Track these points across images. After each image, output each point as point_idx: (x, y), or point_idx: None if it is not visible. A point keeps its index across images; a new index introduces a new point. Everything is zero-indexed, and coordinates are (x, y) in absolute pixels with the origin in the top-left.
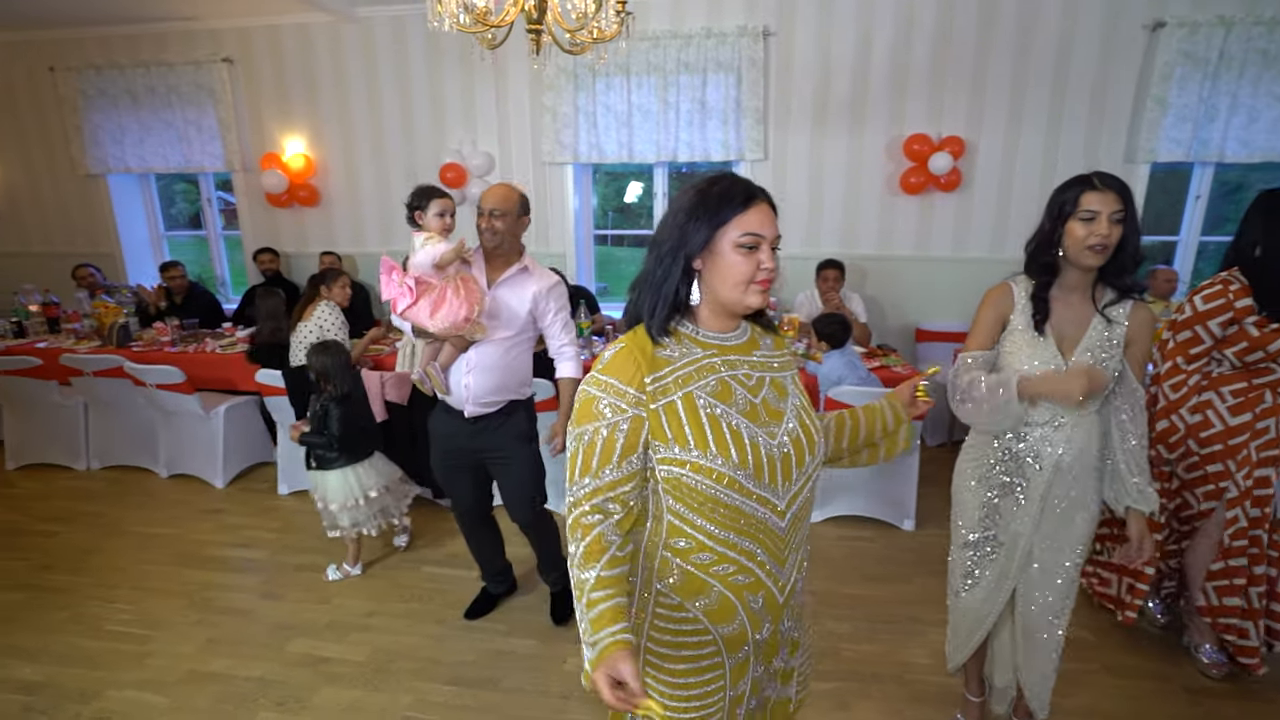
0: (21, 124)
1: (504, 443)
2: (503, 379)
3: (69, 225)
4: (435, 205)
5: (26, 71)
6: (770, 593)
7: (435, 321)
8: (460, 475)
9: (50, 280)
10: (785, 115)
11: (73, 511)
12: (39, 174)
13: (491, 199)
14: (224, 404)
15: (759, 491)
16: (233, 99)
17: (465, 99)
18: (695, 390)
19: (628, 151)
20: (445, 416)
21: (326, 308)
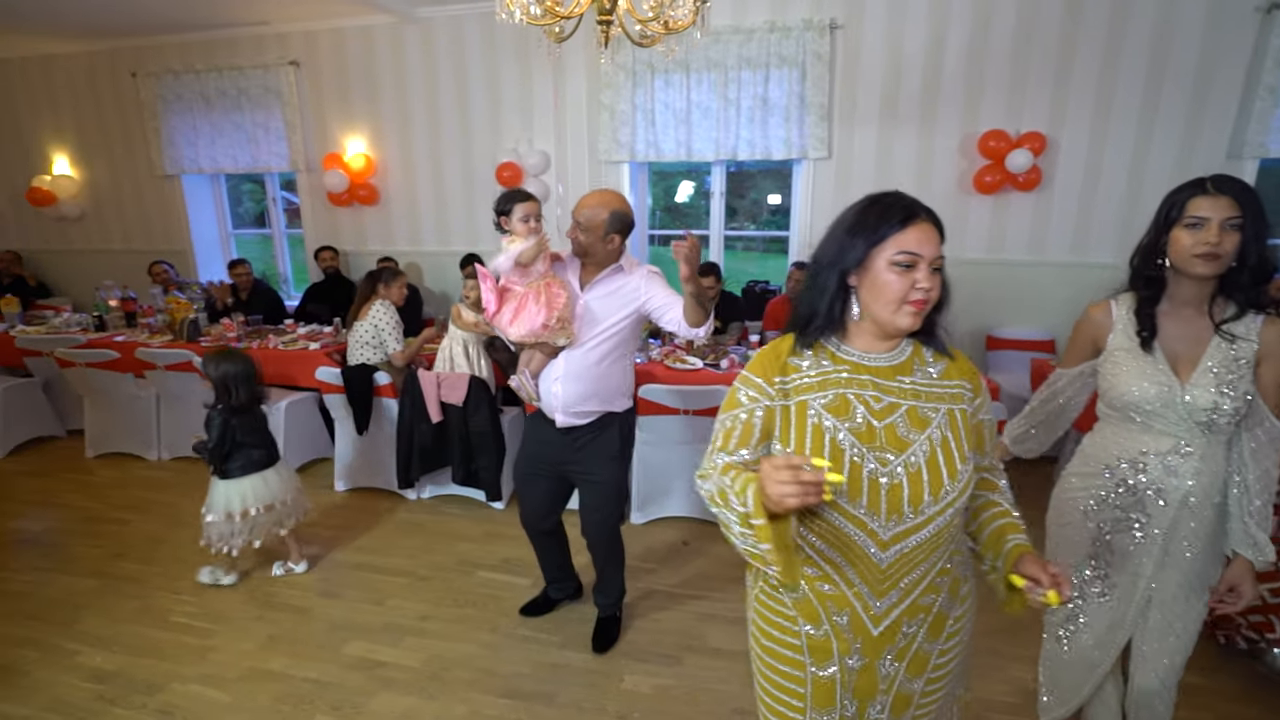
0: (107, 128)
1: (592, 460)
2: (593, 388)
3: (146, 224)
4: (519, 209)
5: (112, 78)
6: (858, 617)
7: (514, 330)
8: (540, 482)
9: (128, 276)
10: (851, 111)
11: (144, 501)
12: (121, 175)
13: (580, 209)
14: (285, 400)
15: (854, 511)
16: (298, 101)
17: (522, 97)
18: (810, 400)
19: (686, 150)
20: (540, 421)
21: (382, 307)
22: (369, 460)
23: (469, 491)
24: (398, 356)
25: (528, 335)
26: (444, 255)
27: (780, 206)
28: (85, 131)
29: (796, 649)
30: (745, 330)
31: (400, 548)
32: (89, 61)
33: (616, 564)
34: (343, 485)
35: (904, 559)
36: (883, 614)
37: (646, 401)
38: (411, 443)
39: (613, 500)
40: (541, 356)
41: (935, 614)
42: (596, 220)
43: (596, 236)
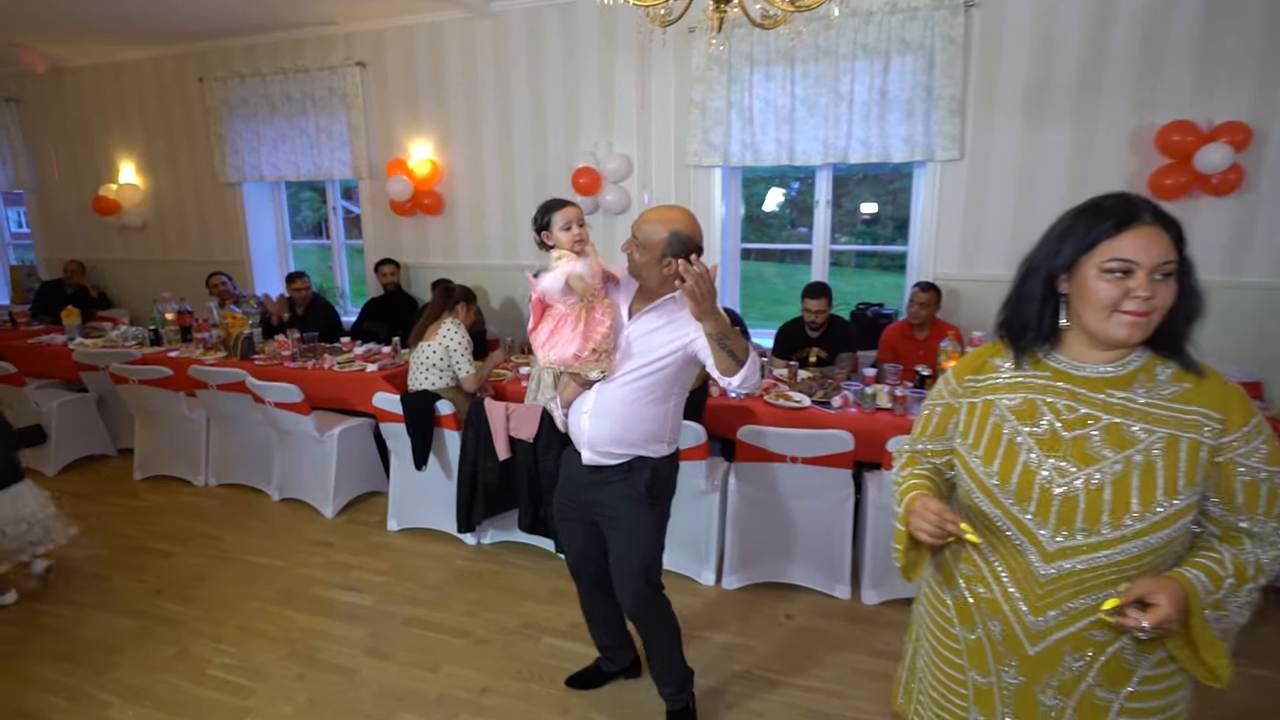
0: (172, 136)
1: (615, 501)
2: (622, 429)
3: (206, 233)
4: (559, 218)
5: (179, 83)
6: (1010, 628)
7: (545, 353)
8: (573, 527)
9: (187, 287)
10: (988, 104)
11: (189, 532)
12: (184, 184)
13: (640, 224)
14: (338, 426)
15: (1020, 516)
16: (364, 103)
17: (603, 96)
18: (996, 400)
19: (788, 152)
20: (572, 455)
21: (453, 325)
22: (426, 498)
23: (536, 540)
24: (469, 380)
25: (557, 362)
26: (510, 270)
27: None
28: (151, 139)
29: (956, 651)
30: (856, 362)
31: (458, 601)
32: (156, 67)
33: (667, 637)
34: (395, 524)
35: (1070, 579)
36: (1040, 632)
37: (745, 445)
38: (475, 481)
39: (641, 549)
40: (574, 386)
41: (1111, 658)
42: (654, 239)
43: (651, 257)
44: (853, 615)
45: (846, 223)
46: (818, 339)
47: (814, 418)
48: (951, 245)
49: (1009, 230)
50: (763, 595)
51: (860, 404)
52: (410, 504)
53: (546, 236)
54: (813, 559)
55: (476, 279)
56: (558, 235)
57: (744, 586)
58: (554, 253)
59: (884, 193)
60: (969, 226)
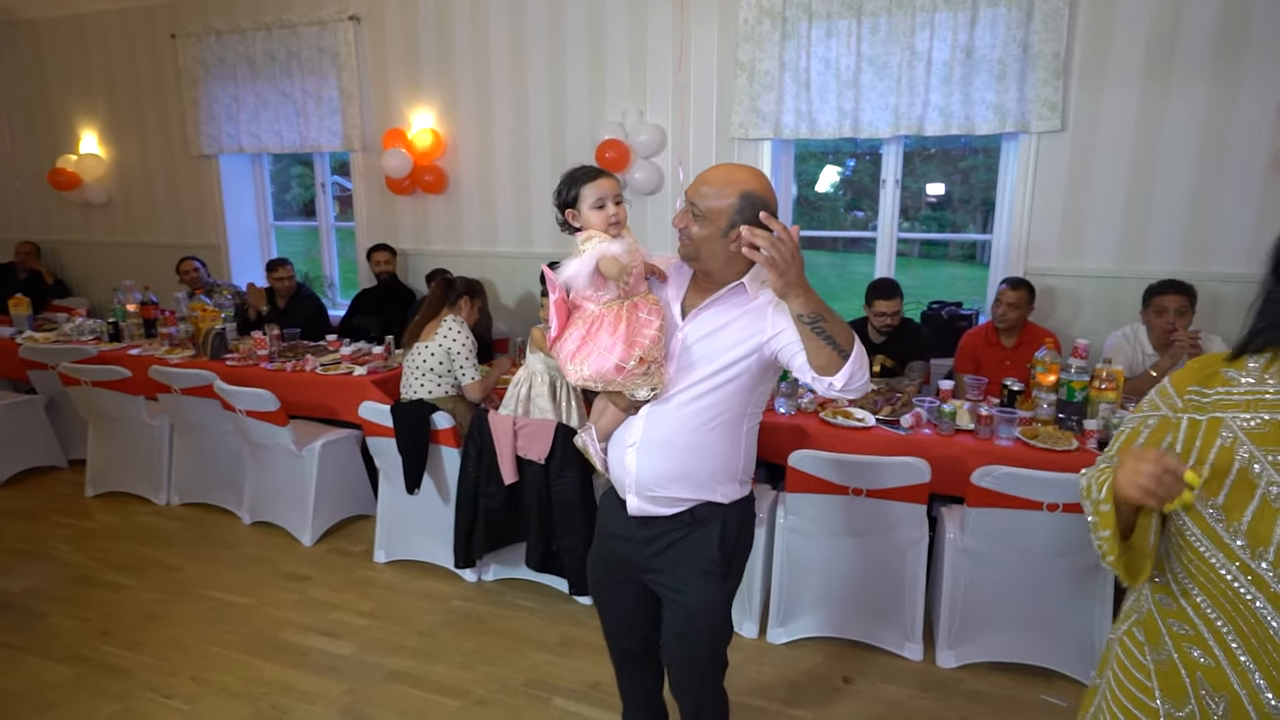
0: (140, 100)
1: (678, 570)
2: (684, 464)
3: (177, 213)
4: (591, 192)
5: (149, 40)
6: (1240, 706)
7: (576, 368)
8: (616, 592)
9: (153, 274)
10: (1099, 64)
11: (145, 560)
12: (153, 155)
13: (698, 188)
14: (320, 439)
15: (1254, 565)
16: (357, 64)
17: (634, 58)
18: (1229, 419)
19: (852, 122)
20: (612, 503)
21: (455, 324)
22: (419, 526)
23: (547, 579)
24: (473, 389)
25: (593, 378)
26: (523, 259)
27: (943, 199)
28: (117, 104)
29: None
30: (928, 373)
31: (453, 651)
32: (123, 21)
33: None
34: (383, 556)
35: None
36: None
37: (796, 473)
38: (475, 509)
39: (708, 635)
40: (615, 411)
41: None
42: (718, 206)
43: (715, 230)
44: (926, 681)
45: (910, 206)
46: (883, 344)
47: (880, 440)
48: (1048, 234)
49: (1119, 217)
50: (816, 653)
51: (936, 424)
52: (401, 532)
53: (572, 216)
54: (878, 611)
55: (483, 269)
56: (587, 214)
57: (793, 642)
58: (580, 236)
59: (953, 171)
60: (1070, 212)
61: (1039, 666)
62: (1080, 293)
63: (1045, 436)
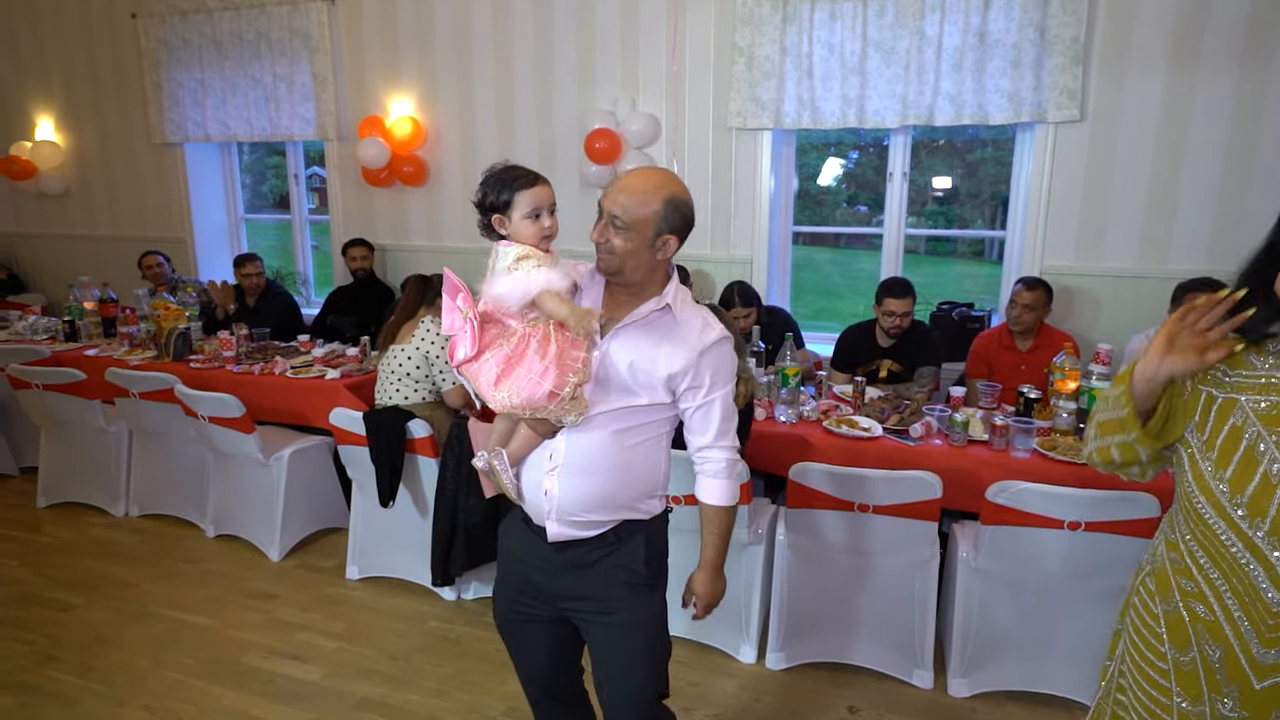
0: (99, 85)
1: (603, 589)
2: (610, 486)
3: (139, 204)
4: (526, 200)
5: (108, 21)
6: (1234, 658)
7: (501, 394)
8: (528, 628)
9: (114, 269)
10: (1121, 49)
11: (97, 577)
12: (113, 143)
13: (616, 196)
14: (289, 447)
15: (1250, 534)
16: (331, 47)
17: (626, 41)
18: (1243, 400)
19: (857, 111)
20: (521, 528)
21: (434, 325)
22: (395, 541)
23: None
24: (453, 394)
25: (524, 406)
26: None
27: (951, 193)
28: (75, 88)
29: (1163, 672)
30: (938, 380)
31: (428, 677)
32: (80, 0)
33: None
34: (356, 572)
35: None
36: (1271, 667)
37: (798, 487)
38: (454, 523)
39: (647, 651)
40: (530, 435)
41: None
42: (643, 214)
43: (643, 241)
44: (937, 711)
45: (916, 200)
46: (891, 348)
47: (887, 451)
48: (1065, 230)
49: (1141, 211)
50: (818, 679)
51: (947, 434)
52: (375, 547)
53: (499, 223)
54: (884, 635)
55: (466, 266)
56: (518, 225)
57: (794, 667)
58: (509, 250)
59: (960, 165)
60: (1089, 207)
61: (1058, 696)
62: (1100, 293)
63: (1065, 448)
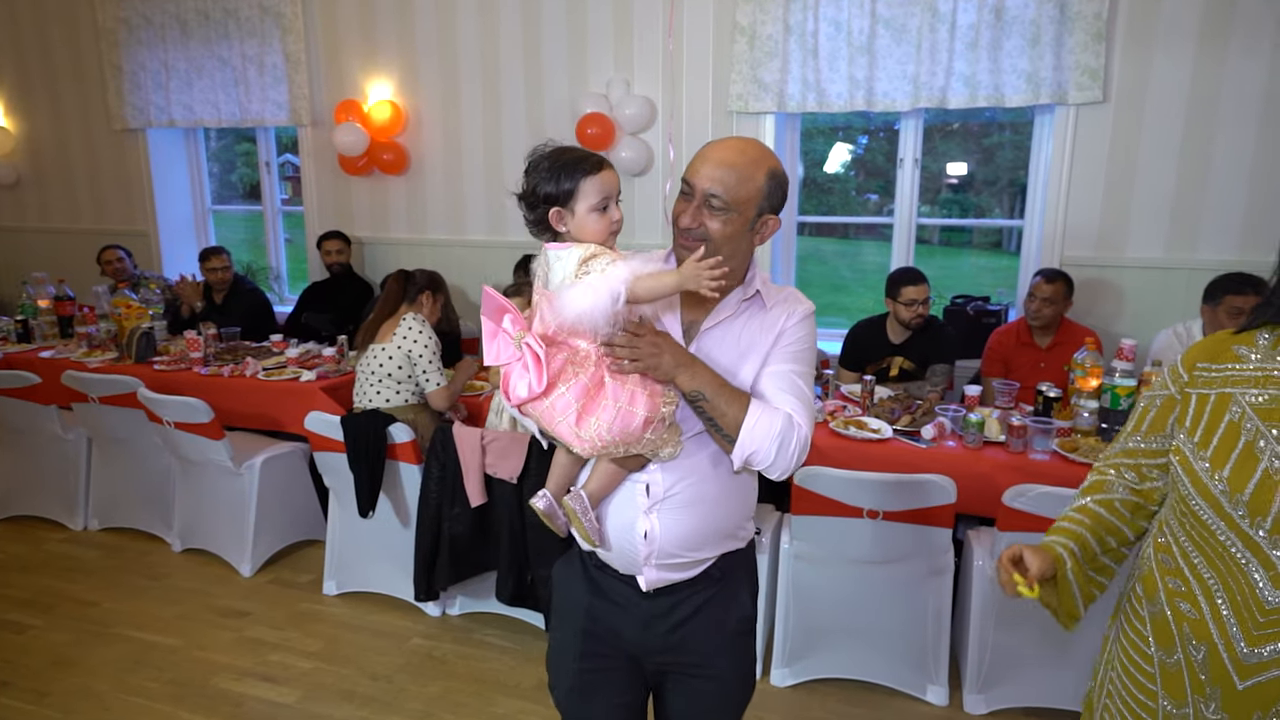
0: (53, 66)
1: (703, 640)
2: (717, 519)
3: (98, 194)
4: (595, 188)
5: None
6: (1218, 657)
7: (588, 433)
8: (607, 688)
9: (72, 266)
10: (1147, 26)
11: (55, 596)
12: (69, 129)
13: (711, 171)
14: (261, 454)
15: (1250, 532)
16: (305, 27)
17: (619, 19)
18: (1238, 394)
19: (865, 94)
20: (591, 576)
21: (416, 323)
22: (375, 553)
23: (520, 613)
24: (438, 396)
25: (617, 442)
26: (495, 248)
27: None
28: (26, 70)
29: (1149, 675)
30: (952, 378)
31: (412, 699)
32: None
33: None
34: (334, 587)
35: None
36: (1255, 667)
37: (804, 492)
38: (439, 534)
39: (736, 708)
40: (613, 469)
41: None
42: (747, 191)
43: (743, 224)
44: None
45: (929, 188)
46: (903, 345)
47: (898, 454)
48: (1088, 219)
49: (1169, 199)
50: (827, 697)
51: (961, 435)
52: (354, 560)
53: (559, 218)
54: (896, 649)
55: (449, 259)
56: (584, 219)
57: (801, 684)
58: (561, 249)
59: (978, 150)
60: (1113, 194)
61: (1078, 711)
62: (1124, 285)
63: (1086, 449)
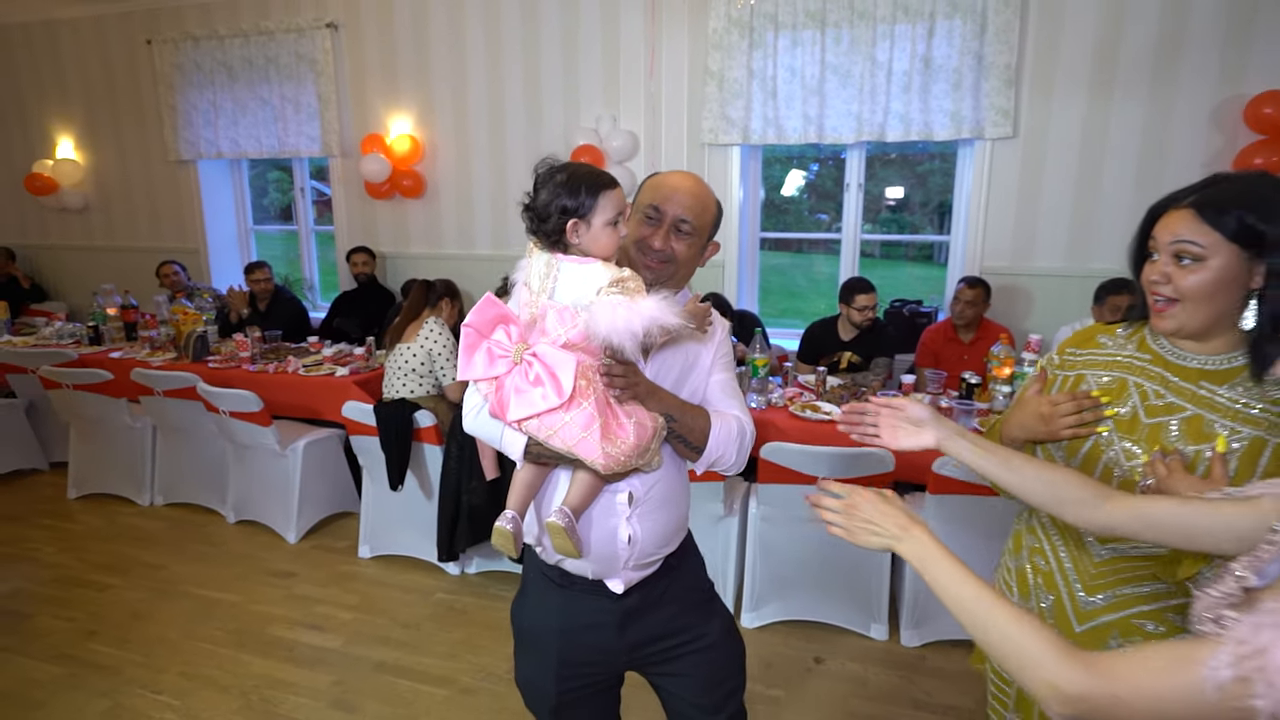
0: (117, 106)
1: (679, 617)
2: (682, 511)
3: (156, 217)
4: (607, 204)
5: (125, 46)
6: (1062, 604)
7: (614, 450)
8: (589, 706)
9: (134, 278)
10: (1048, 75)
11: (130, 561)
12: (130, 160)
13: (679, 198)
14: (303, 438)
15: None
16: (335, 71)
17: (607, 65)
18: (1090, 375)
19: (817, 129)
20: (555, 596)
21: (436, 325)
22: (403, 522)
23: None
24: (454, 389)
25: (636, 451)
26: (500, 261)
27: (904, 201)
28: (93, 109)
29: None
30: (891, 369)
31: (438, 642)
32: (98, 27)
33: None
34: (368, 551)
35: (1124, 564)
36: (1089, 612)
37: (768, 464)
38: (458, 504)
39: (733, 661)
40: (590, 479)
41: None
42: (706, 219)
43: (699, 247)
44: (891, 659)
45: (871, 208)
46: (851, 342)
47: (846, 433)
48: (1002, 235)
49: (1068, 218)
50: (789, 635)
51: None
52: (385, 528)
53: (575, 230)
54: (845, 594)
55: (461, 271)
56: (599, 234)
57: (765, 625)
58: (582, 264)
59: (911, 176)
60: (1023, 214)
61: None
62: (1032, 290)
63: None
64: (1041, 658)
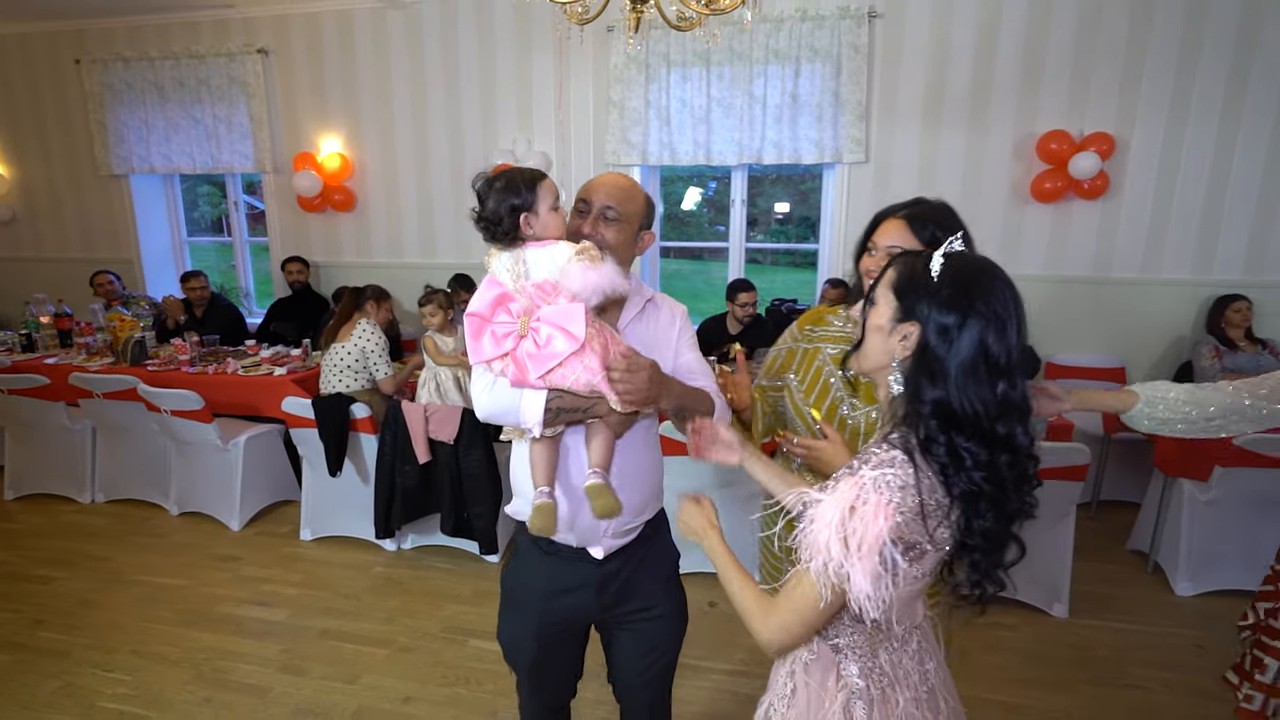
0: (43, 121)
1: (650, 586)
2: (653, 482)
3: (87, 229)
4: (545, 193)
5: (52, 64)
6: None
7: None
8: (563, 653)
9: (66, 289)
10: (891, 110)
11: (72, 553)
12: (59, 174)
13: (604, 190)
14: (244, 434)
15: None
16: (266, 93)
17: (520, 93)
18: (825, 347)
19: (705, 152)
20: (546, 562)
21: (369, 326)
22: (341, 505)
23: (459, 543)
24: (386, 383)
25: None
26: (427, 269)
27: (789, 215)
28: (18, 123)
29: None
30: None
31: (377, 610)
32: (23, 44)
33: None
34: (309, 534)
35: None
36: None
37: (667, 439)
38: (393, 486)
39: (678, 637)
40: (608, 435)
41: None
42: (633, 208)
43: (630, 234)
44: None
45: (762, 221)
46: (739, 335)
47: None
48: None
49: None
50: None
51: None
52: (324, 512)
53: (528, 221)
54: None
55: (391, 279)
56: (546, 219)
57: None
58: (545, 246)
59: (795, 193)
60: None
61: None
62: None
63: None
64: (752, 613)
